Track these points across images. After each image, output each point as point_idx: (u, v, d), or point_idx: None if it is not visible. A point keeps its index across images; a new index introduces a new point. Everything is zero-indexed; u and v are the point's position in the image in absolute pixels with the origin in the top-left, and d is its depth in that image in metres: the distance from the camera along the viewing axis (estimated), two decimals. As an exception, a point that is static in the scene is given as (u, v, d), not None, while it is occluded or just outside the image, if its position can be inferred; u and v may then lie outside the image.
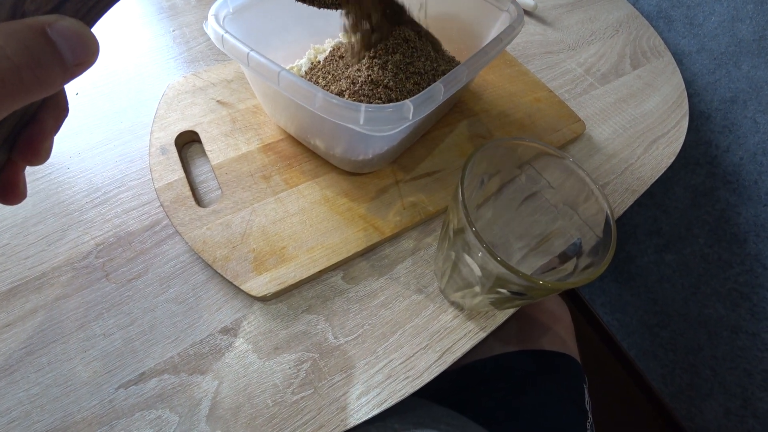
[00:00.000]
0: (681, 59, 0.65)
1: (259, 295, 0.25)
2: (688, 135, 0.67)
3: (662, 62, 0.56)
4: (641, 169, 0.41)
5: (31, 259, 0.27)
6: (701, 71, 0.63)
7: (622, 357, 1.00)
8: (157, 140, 0.31)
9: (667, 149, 0.44)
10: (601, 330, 1.03)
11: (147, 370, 0.23)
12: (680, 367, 0.87)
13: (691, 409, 0.88)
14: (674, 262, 0.79)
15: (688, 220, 0.74)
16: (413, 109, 0.22)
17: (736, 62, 0.59)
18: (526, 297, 0.21)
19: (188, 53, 0.41)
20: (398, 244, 0.30)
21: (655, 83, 0.52)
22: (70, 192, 0.30)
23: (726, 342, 0.77)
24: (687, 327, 0.82)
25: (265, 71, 0.23)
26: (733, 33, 0.58)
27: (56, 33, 0.13)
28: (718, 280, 0.74)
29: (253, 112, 0.33)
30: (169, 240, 0.28)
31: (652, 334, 0.90)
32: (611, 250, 0.19)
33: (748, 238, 0.67)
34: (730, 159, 0.64)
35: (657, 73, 0.54)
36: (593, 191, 0.22)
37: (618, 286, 0.94)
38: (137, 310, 0.25)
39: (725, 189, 0.67)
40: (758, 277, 0.68)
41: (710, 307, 0.77)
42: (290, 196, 0.29)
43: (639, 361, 0.97)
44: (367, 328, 0.26)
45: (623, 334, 0.98)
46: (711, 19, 0.60)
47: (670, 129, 0.46)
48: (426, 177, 0.32)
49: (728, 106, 0.62)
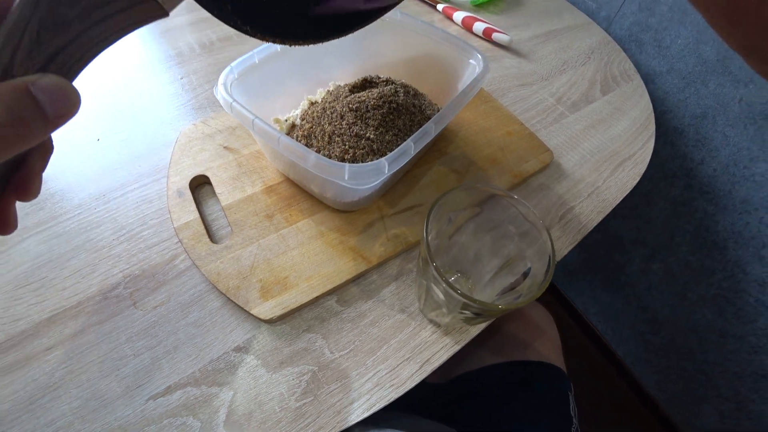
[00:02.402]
0: (653, 79, 0.69)
1: (266, 318, 0.30)
2: (665, 149, 0.72)
3: (631, 86, 0.60)
4: (607, 191, 0.44)
5: (67, 290, 0.31)
6: (672, 90, 0.67)
7: (617, 365, 1.01)
8: (173, 184, 0.36)
9: (633, 170, 0.48)
10: (597, 339, 1.05)
11: (172, 384, 0.28)
12: (674, 373, 0.89)
13: (687, 414, 0.89)
14: (660, 270, 0.82)
15: (670, 229, 0.77)
16: (388, 165, 0.26)
17: (703, 81, 0.63)
18: (485, 316, 0.26)
19: (196, 100, 0.46)
20: (384, 271, 0.34)
21: (623, 107, 0.56)
22: (99, 230, 0.34)
23: (715, 346, 0.79)
24: (677, 333, 0.84)
25: (267, 136, 0.27)
26: (698, 54, 0.62)
27: (38, 90, 0.14)
28: (702, 286, 0.76)
29: (256, 157, 0.38)
30: (188, 272, 0.33)
31: (644, 341, 0.93)
32: (542, 286, 0.23)
33: (728, 245, 0.70)
34: (704, 171, 0.68)
35: (626, 97, 0.58)
36: (540, 233, 0.26)
37: (609, 296, 0.96)
38: (162, 333, 0.30)
39: (702, 199, 0.70)
40: (740, 282, 0.71)
41: (698, 313, 0.79)
42: (290, 232, 0.34)
43: (634, 369, 0.99)
44: (357, 343, 0.30)
45: (617, 342, 1.00)
46: (677, 41, 0.64)
47: (637, 151, 0.50)
48: (407, 211, 0.36)
49: (699, 121, 0.66)
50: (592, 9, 0.74)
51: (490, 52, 0.61)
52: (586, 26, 0.71)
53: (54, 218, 0.35)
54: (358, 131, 0.33)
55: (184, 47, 0.53)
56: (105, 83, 0.47)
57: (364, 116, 0.34)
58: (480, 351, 0.51)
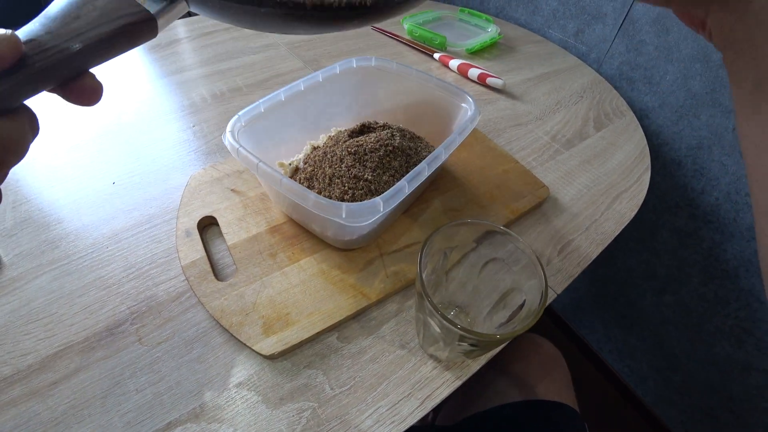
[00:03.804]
0: (647, 114, 0.71)
1: (267, 354, 0.30)
2: (665, 181, 0.72)
3: (624, 121, 0.62)
4: (605, 223, 0.45)
5: (75, 326, 0.32)
6: (666, 123, 0.69)
7: (638, 405, 0.97)
8: (182, 224, 0.38)
9: (630, 202, 0.48)
10: (614, 378, 1.00)
11: (173, 420, 0.28)
12: (699, 411, 0.85)
13: (718, 456, 0.84)
14: (673, 303, 0.81)
15: (679, 261, 0.77)
16: (383, 204, 0.28)
17: (695, 113, 0.65)
18: (483, 347, 0.26)
19: (206, 146, 0.49)
20: (384, 308, 0.35)
21: (617, 142, 0.58)
22: (109, 268, 0.36)
23: (739, 381, 0.76)
24: (698, 368, 0.81)
25: (271, 178, 0.29)
26: (687, 88, 0.65)
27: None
28: (719, 318, 0.74)
29: (261, 199, 0.40)
30: (193, 309, 0.34)
31: (664, 378, 0.89)
32: (537, 314, 0.24)
33: (739, 273, 0.69)
34: (706, 200, 0.68)
35: (619, 132, 0.60)
36: (536, 268, 0.27)
37: (623, 332, 0.94)
38: (165, 368, 0.30)
39: (708, 228, 0.70)
40: (756, 311, 0.69)
41: (717, 346, 0.77)
42: (293, 270, 0.35)
43: (656, 408, 0.94)
44: (358, 380, 0.30)
45: (636, 381, 0.96)
46: (666, 78, 0.67)
47: (633, 183, 0.51)
48: (406, 249, 0.37)
49: (695, 152, 0.67)
50: (582, 52, 0.78)
51: (485, 95, 0.64)
52: (577, 68, 0.74)
53: (68, 256, 0.37)
54: (357, 173, 0.34)
55: (196, 98, 0.57)
56: (123, 130, 0.51)
57: (362, 159, 0.36)
58: (489, 391, 0.50)
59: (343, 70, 0.43)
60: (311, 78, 0.41)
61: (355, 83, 0.45)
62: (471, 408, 0.50)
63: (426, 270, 0.29)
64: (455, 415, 0.51)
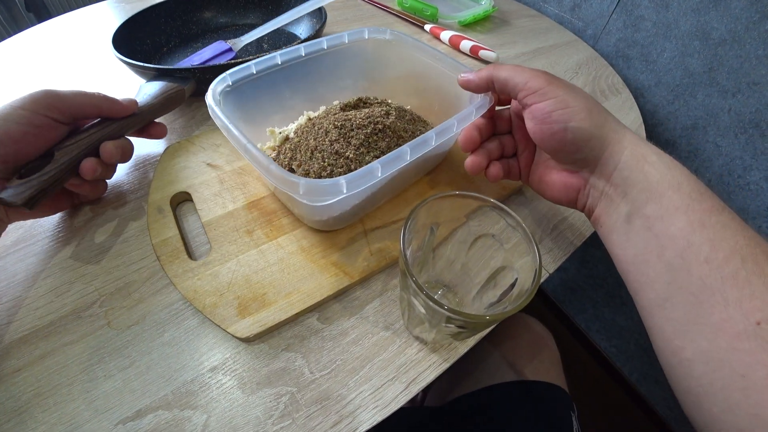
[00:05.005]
0: (642, 92, 0.69)
1: (243, 336, 0.28)
2: (658, 162, 0.71)
3: (620, 99, 0.60)
4: (598, 201, 0.44)
5: (40, 310, 0.30)
6: (661, 102, 0.68)
7: (623, 383, 0.99)
8: (154, 201, 0.35)
9: (624, 181, 0.47)
10: (600, 357, 1.02)
11: (143, 407, 0.26)
12: (682, 390, 0.87)
13: (698, 434, 0.86)
14: (661, 283, 0.81)
15: (669, 242, 0.76)
16: (346, 185, 0.25)
17: (691, 92, 0.63)
18: (471, 329, 0.24)
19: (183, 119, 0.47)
20: (367, 287, 0.33)
21: (613, 120, 0.56)
22: (77, 248, 0.34)
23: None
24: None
25: (236, 141, 0.27)
26: (684, 67, 0.63)
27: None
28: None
29: (239, 173, 0.38)
30: (164, 290, 0.32)
31: (650, 357, 0.90)
32: (530, 295, 0.22)
33: (728, 256, 0.69)
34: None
35: (615, 110, 0.58)
36: (530, 244, 0.25)
37: (611, 312, 0.95)
38: (135, 353, 0.28)
39: (699, 211, 0.69)
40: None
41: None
42: (270, 248, 0.33)
43: (641, 387, 0.96)
44: (339, 363, 0.29)
45: (622, 360, 0.98)
46: (663, 55, 0.65)
47: (627, 162, 0.50)
48: (392, 225, 0.35)
49: (690, 132, 0.66)
50: (578, 27, 0.75)
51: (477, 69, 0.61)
52: (573, 43, 0.72)
53: (32, 236, 0.35)
54: (339, 149, 0.32)
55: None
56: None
57: (347, 135, 0.33)
58: (478, 371, 0.50)
59: (352, 41, 0.41)
60: (314, 44, 0.38)
61: (365, 56, 0.42)
62: (460, 388, 0.49)
63: (411, 247, 0.27)
64: (444, 396, 0.51)
